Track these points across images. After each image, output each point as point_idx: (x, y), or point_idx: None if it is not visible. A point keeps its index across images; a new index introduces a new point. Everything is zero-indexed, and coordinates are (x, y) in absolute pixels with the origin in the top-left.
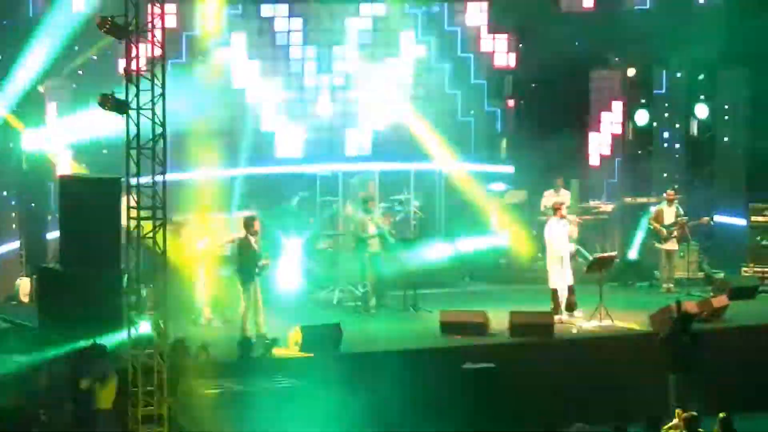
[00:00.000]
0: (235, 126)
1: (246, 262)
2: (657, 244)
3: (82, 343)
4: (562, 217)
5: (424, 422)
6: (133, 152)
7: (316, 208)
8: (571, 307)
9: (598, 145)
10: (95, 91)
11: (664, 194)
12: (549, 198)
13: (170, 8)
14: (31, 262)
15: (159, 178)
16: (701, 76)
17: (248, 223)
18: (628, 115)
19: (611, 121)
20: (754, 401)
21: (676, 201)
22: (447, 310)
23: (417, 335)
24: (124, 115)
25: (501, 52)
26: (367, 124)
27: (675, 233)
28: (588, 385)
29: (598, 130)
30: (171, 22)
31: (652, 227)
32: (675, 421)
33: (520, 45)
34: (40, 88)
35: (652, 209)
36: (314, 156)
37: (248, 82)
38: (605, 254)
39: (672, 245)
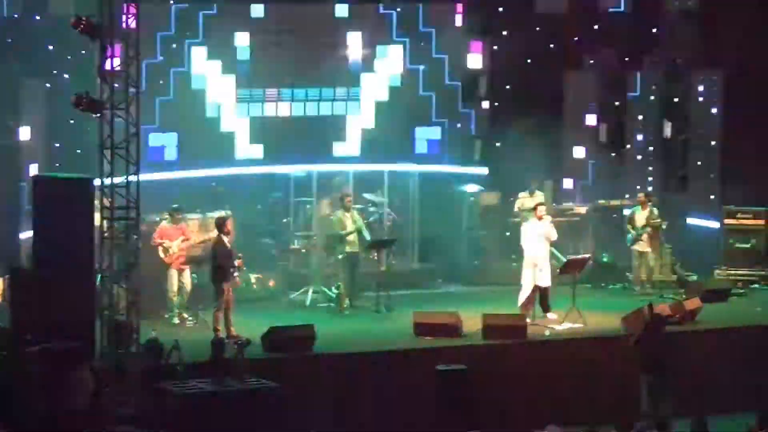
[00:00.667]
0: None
1: (218, 263)
2: (630, 246)
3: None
4: (540, 218)
5: (397, 423)
6: (107, 152)
7: (290, 209)
8: (544, 309)
9: (573, 147)
10: (70, 90)
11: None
12: (523, 200)
13: (146, 8)
14: (3, 262)
15: (132, 178)
16: (675, 79)
17: (221, 224)
18: (603, 118)
19: (586, 123)
20: (727, 403)
21: (649, 204)
22: (420, 311)
23: (390, 336)
24: (98, 115)
25: (476, 53)
26: (340, 125)
27: (645, 236)
28: (561, 387)
29: (573, 132)
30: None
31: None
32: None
33: (495, 47)
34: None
35: (626, 212)
36: (287, 157)
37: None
38: (578, 256)
39: (643, 247)
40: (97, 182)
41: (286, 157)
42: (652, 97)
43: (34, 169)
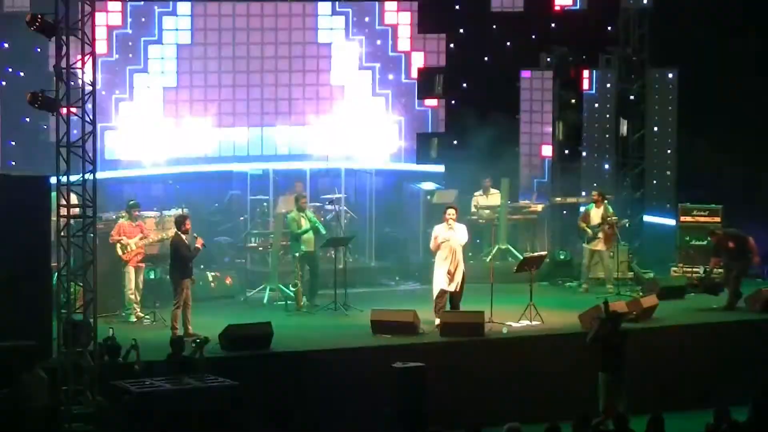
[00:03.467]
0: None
1: (177, 261)
2: (584, 245)
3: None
4: (447, 221)
5: (354, 421)
6: (63, 150)
7: (247, 207)
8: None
9: (529, 144)
10: (26, 88)
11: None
12: (480, 198)
13: (100, 6)
14: None
15: (89, 176)
16: (631, 77)
17: (180, 222)
18: (558, 116)
19: (542, 121)
20: (683, 400)
21: (605, 202)
22: (377, 309)
23: (348, 334)
24: (54, 113)
25: (431, 51)
26: (295, 123)
27: (601, 234)
28: (519, 384)
29: (528, 129)
30: (101, 19)
31: (579, 228)
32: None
33: (451, 45)
34: None
35: (582, 209)
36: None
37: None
38: (535, 254)
39: (598, 245)
40: (53, 180)
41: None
42: (608, 95)
43: None
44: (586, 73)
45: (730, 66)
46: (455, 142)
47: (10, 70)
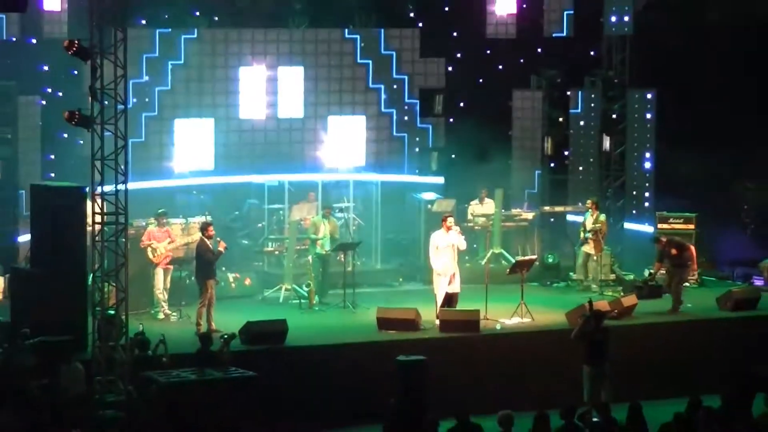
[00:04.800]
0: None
1: (202, 263)
2: (577, 248)
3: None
4: (449, 229)
5: (361, 409)
6: (98, 163)
7: (264, 215)
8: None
9: (521, 158)
10: (63, 107)
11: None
12: (476, 206)
13: (131, 32)
14: (3, 263)
15: (121, 186)
16: (613, 97)
17: (204, 228)
18: (547, 132)
19: (532, 137)
20: (660, 389)
21: (598, 210)
22: (382, 307)
23: (355, 330)
24: (89, 129)
25: (432, 74)
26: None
27: (590, 238)
28: (511, 376)
29: (519, 144)
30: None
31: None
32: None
33: (449, 68)
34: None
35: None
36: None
37: None
38: (526, 257)
39: (588, 249)
40: (88, 190)
41: (264, 167)
42: (593, 114)
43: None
44: (572, 93)
45: (702, 87)
46: (453, 155)
47: (50, 90)
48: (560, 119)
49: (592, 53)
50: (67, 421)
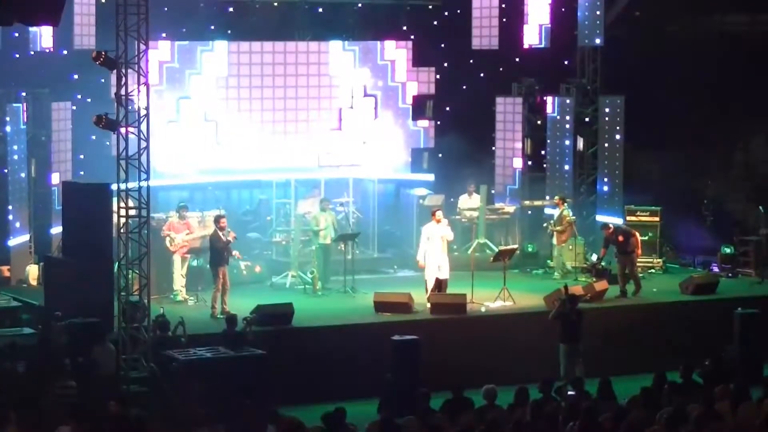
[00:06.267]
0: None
1: (216, 252)
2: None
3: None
4: (438, 221)
5: (360, 384)
6: (123, 162)
7: (273, 209)
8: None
9: (503, 157)
10: (92, 111)
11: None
12: (463, 201)
13: (153, 44)
14: (38, 252)
15: (143, 184)
16: (585, 102)
17: (217, 220)
18: (526, 134)
19: (513, 138)
20: (628, 365)
21: (564, 205)
22: (379, 292)
23: (354, 313)
24: (115, 131)
25: (423, 82)
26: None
27: (562, 231)
28: (495, 353)
29: (502, 145)
30: (153, 55)
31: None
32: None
33: (438, 76)
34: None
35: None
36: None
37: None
38: (508, 247)
39: (554, 240)
40: (114, 187)
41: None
42: (567, 117)
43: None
44: (549, 99)
45: (665, 93)
46: (441, 155)
47: (80, 97)
48: (538, 122)
49: (566, 63)
50: (102, 395)
